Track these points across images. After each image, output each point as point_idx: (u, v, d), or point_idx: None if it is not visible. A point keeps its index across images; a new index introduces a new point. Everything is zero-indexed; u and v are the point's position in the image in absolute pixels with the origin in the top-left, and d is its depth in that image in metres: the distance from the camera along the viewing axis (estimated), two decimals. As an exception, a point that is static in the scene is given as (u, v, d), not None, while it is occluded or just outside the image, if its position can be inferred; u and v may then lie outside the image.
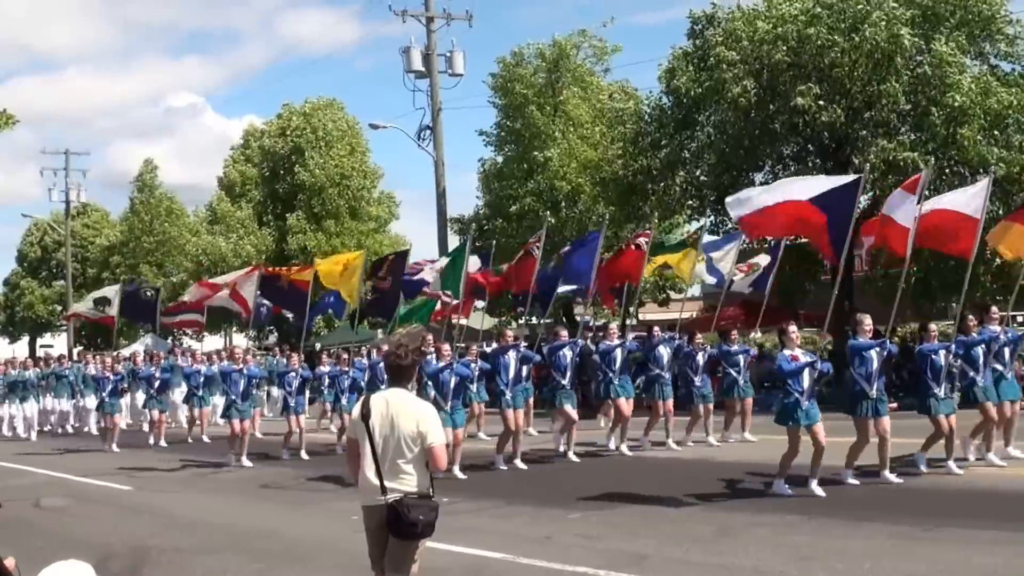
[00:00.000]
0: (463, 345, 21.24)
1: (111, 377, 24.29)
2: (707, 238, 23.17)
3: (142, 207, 54.20)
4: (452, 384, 16.12)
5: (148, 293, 28.34)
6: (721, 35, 27.31)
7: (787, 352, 13.19)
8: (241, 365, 20.43)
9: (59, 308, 64.88)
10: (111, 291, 29.61)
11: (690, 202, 29.88)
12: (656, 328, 19.53)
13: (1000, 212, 25.61)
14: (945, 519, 10.84)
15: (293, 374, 21.07)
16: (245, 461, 19.56)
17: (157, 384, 25.26)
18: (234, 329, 52.57)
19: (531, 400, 20.72)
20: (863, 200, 27.87)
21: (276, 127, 49.82)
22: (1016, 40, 26.23)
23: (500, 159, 38.87)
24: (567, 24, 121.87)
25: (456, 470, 15.78)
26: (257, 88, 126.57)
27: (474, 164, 79.63)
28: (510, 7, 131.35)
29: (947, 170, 25.80)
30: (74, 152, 60.44)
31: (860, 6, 25.79)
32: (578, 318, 34.59)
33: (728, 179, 28.15)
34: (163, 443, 24.40)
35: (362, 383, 20.40)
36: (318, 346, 33.91)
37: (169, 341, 49.61)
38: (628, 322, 37.45)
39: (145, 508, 15.08)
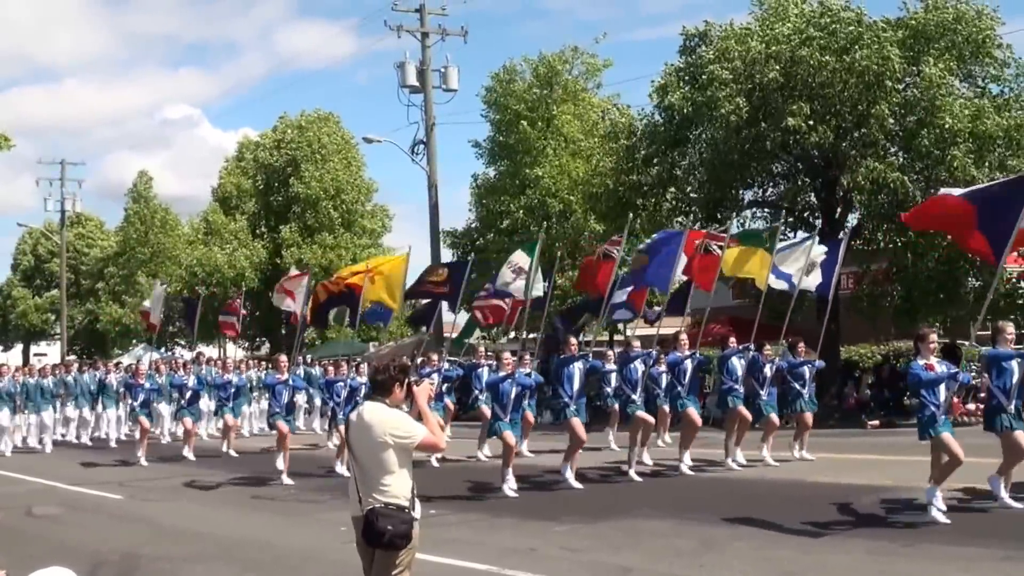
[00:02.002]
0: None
1: (145, 386, 23.25)
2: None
3: (137, 218, 54.32)
4: (512, 395, 15.44)
5: (193, 301, 27.65)
6: (713, 53, 27.47)
7: (922, 361, 12.18)
8: (285, 375, 19.31)
9: (52, 317, 64.93)
10: (157, 292, 28.56)
11: (679, 219, 30.04)
12: (732, 339, 18.55)
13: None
14: (923, 536, 10.97)
15: (341, 384, 20.20)
16: (287, 479, 18.07)
17: (189, 394, 23.82)
18: (226, 340, 52.63)
19: None
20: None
21: (271, 139, 50.02)
22: (1005, 64, 26.42)
23: (492, 174, 39.06)
24: (561, 40, 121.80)
25: (508, 487, 15.31)
26: (254, 100, 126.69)
27: (467, 179, 79.77)
28: (505, 23, 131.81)
29: (935, 191, 25.98)
30: (70, 162, 60.59)
31: (851, 28, 26.00)
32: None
33: (718, 196, 28.33)
34: (191, 456, 22.75)
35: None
36: (309, 357, 33.95)
37: (163, 351, 49.68)
38: (616, 338, 37.61)
39: (136, 517, 15.16)
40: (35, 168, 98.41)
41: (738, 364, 17.66)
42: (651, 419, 17.27)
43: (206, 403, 26.69)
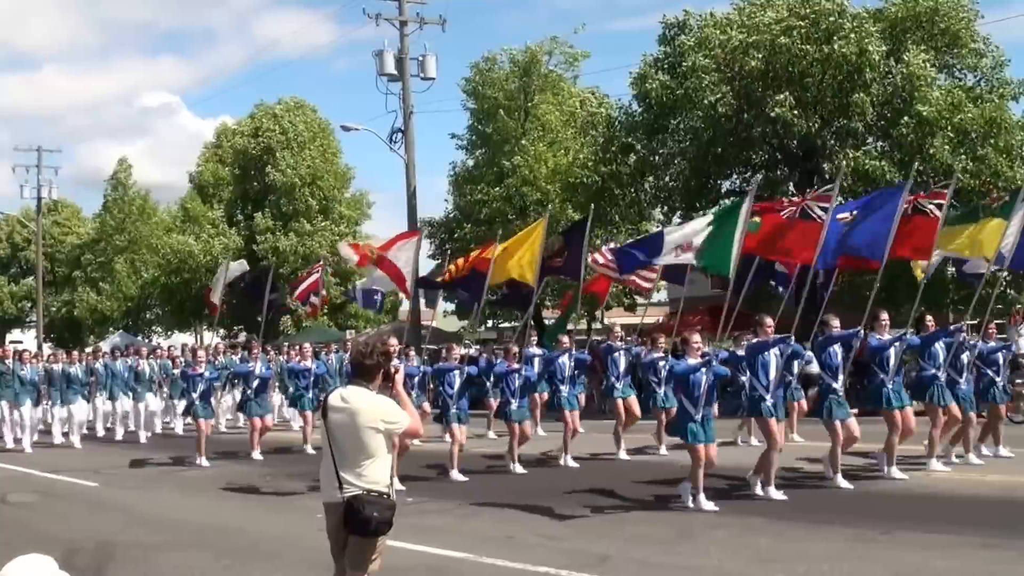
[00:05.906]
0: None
1: (205, 375, 19.85)
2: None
3: (114, 205, 53.99)
4: (704, 386, 12.66)
5: (263, 279, 26.65)
6: (694, 41, 27.45)
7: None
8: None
9: (28, 304, 64.52)
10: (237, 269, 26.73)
11: (658, 208, 30.05)
12: (929, 318, 15.88)
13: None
14: (902, 523, 11.00)
15: (457, 372, 16.49)
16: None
17: (256, 383, 20.39)
18: (204, 326, 52.38)
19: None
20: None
21: (248, 127, 49.86)
22: (982, 56, 26.52)
23: (471, 163, 39.06)
24: (540, 30, 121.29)
25: (703, 500, 12.53)
26: (232, 88, 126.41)
27: (445, 167, 79.74)
28: (483, 12, 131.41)
29: (914, 179, 26.09)
30: (46, 149, 59.99)
31: (832, 18, 26.03)
32: (547, 321, 34.63)
33: (696, 185, 28.32)
34: (257, 455, 19.99)
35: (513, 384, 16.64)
36: (286, 345, 33.66)
37: (139, 338, 49.38)
38: (594, 326, 37.60)
39: (112, 505, 15.07)
40: (11, 155, 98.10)
41: (939, 348, 15.04)
42: (903, 422, 14.16)
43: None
